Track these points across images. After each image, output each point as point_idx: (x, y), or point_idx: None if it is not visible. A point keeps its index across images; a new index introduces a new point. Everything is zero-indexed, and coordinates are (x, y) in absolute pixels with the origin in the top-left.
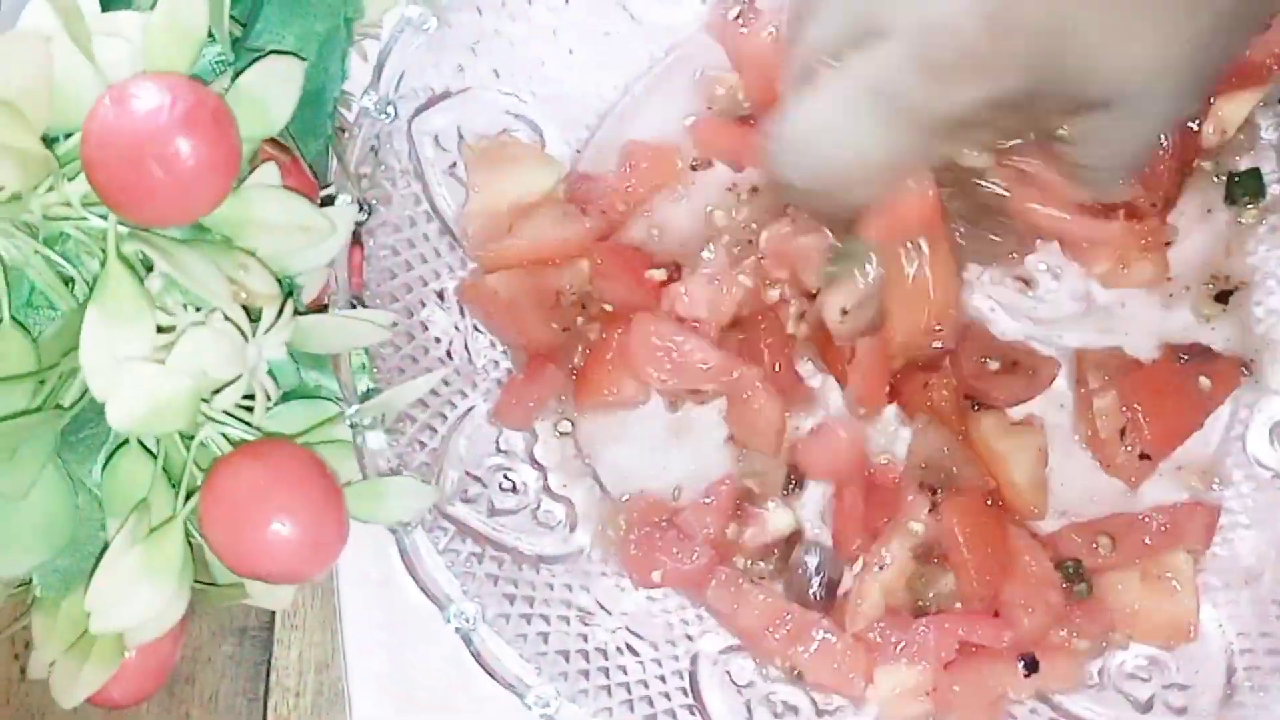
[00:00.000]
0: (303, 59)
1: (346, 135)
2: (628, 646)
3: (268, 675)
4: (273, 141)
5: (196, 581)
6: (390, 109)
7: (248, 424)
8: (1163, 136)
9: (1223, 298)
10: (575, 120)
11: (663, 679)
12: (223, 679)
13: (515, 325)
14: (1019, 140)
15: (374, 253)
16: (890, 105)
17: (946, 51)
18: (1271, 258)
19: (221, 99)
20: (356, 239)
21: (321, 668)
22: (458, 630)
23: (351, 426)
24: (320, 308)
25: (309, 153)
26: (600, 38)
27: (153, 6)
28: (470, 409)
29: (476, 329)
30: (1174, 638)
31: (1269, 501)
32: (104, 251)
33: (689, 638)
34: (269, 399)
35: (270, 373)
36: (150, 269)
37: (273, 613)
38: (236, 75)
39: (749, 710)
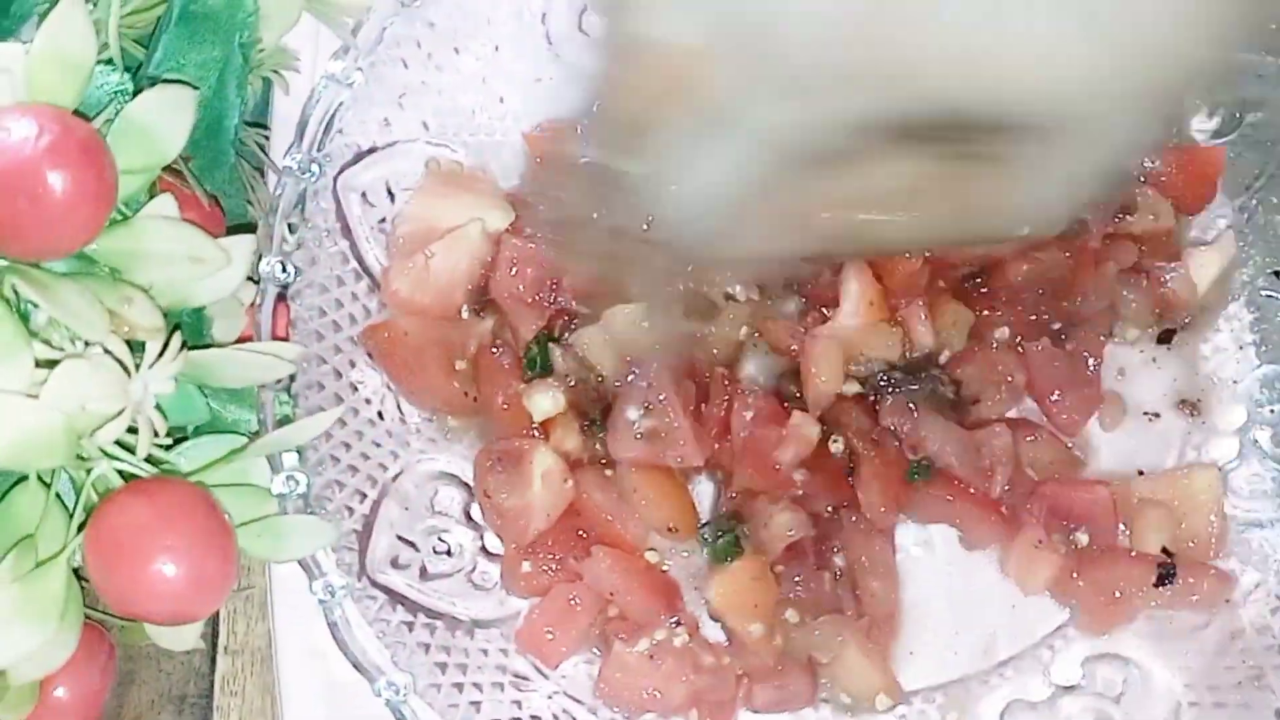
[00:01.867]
0: (196, 87)
1: (270, 196)
2: (565, 712)
3: None
4: (172, 171)
5: (104, 613)
6: (315, 167)
7: (136, 457)
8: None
9: (1165, 337)
10: (508, 169)
11: None
12: None
13: (419, 376)
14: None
15: (300, 315)
16: (747, 132)
17: (804, 74)
18: (1215, 293)
19: (93, 130)
20: (283, 299)
21: None
22: (388, 702)
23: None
24: None
25: (213, 182)
26: (531, 84)
27: None
28: (401, 471)
29: None
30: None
31: None
32: None
33: None
34: (158, 433)
35: (160, 409)
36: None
37: (212, 680)
38: None
39: None
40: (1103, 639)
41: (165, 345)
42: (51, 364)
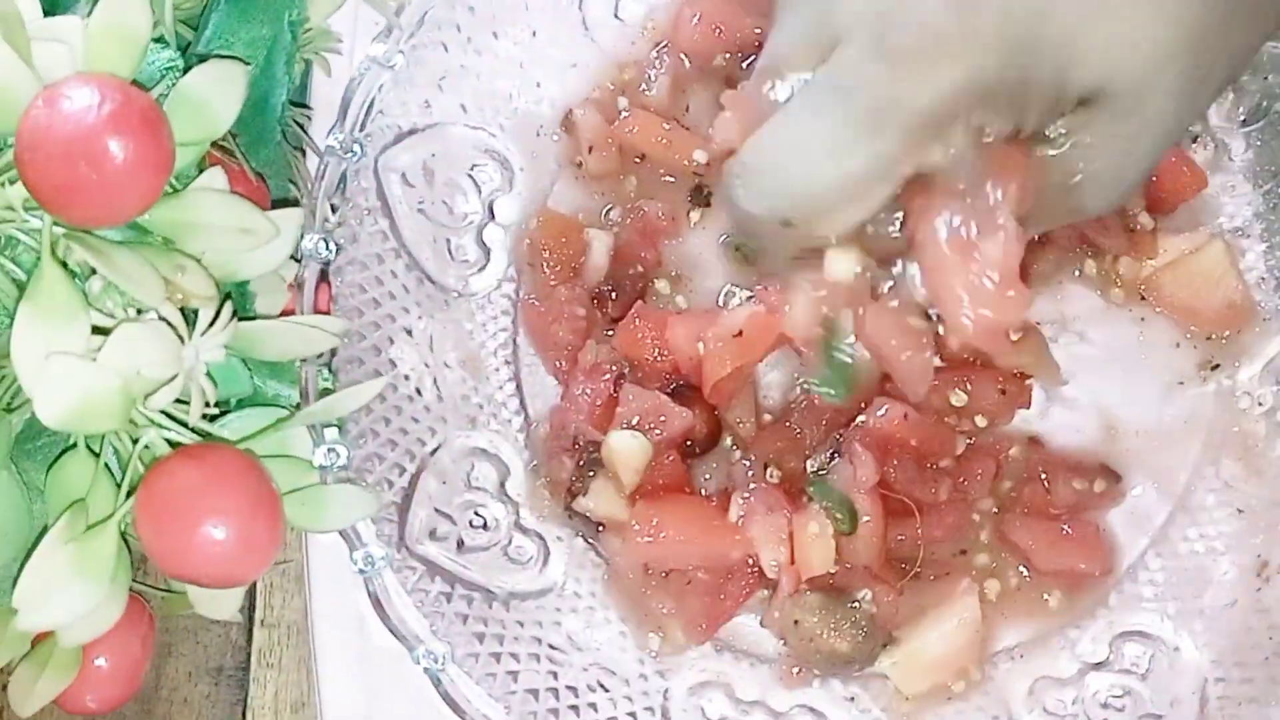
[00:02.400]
0: (247, 63)
1: (310, 175)
2: (599, 684)
3: (244, 716)
4: (220, 147)
5: (143, 584)
6: (356, 147)
7: (186, 426)
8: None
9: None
10: (545, 153)
11: (634, 716)
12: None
13: None
14: (999, 137)
15: (341, 291)
16: (860, 103)
17: (909, 34)
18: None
19: (152, 99)
20: (324, 277)
21: (298, 708)
22: (426, 670)
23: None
24: None
25: (258, 159)
26: (567, 69)
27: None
28: (439, 446)
29: (446, 365)
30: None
31: (1243, 528)
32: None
33: (661, 674)
34: (207, 403)
35: (210, 376)
36: (94, 271)
37: (249, 652)
38: None
39: None
40: (1130, 616)
41: (216, 314)
42: (106, 332)
